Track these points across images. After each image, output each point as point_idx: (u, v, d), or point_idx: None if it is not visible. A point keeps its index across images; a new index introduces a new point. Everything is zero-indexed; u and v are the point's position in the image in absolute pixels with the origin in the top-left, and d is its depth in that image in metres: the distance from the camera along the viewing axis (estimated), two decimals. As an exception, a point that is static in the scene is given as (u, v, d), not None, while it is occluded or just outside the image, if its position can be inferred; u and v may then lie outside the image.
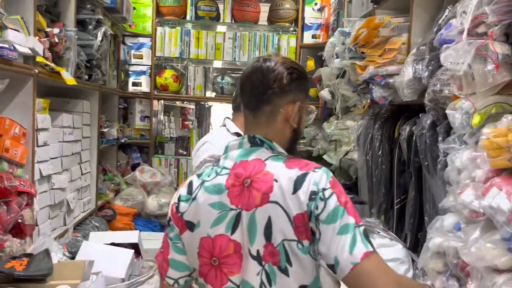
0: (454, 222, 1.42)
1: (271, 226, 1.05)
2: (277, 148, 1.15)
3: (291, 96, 1.15)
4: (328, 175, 1.07)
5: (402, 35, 2.10)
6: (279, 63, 1.15)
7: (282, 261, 1.05)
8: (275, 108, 1.14)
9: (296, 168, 1.07)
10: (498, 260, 1.16)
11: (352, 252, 0.99)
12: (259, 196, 1.06)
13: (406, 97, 1.90)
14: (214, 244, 1.10)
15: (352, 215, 1.03)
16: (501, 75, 1.22)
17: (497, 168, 1.23)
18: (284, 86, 1.13)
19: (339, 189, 1.06)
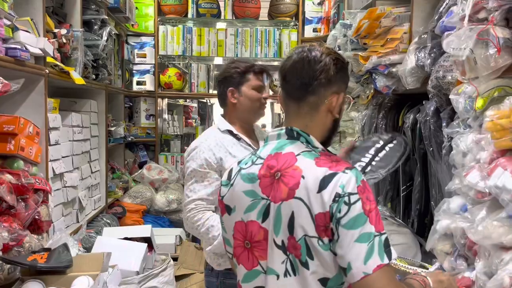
0: (460, 203, 1.46)
1: (294, 221, 1.06)
2: (313, 142, 1.15)
3: (335, 86, 1.15)
4: (358, 178, 1.04)
5: (403, 25, 2.13)
6: (324, 53, 1.15)
7: (303, 255, 1.07)
8: (320, 99, 1.14)
9: (325, 167, 1.06)
10: (505, 237, 1.20)
11: (367, 262, 0.99)
12: (286, 190, 1.08)
13: (410, 85, 1.94)
14: (247, 228, 1.15)
15: (374, 224, 1.01)
16: (503, 59, 1.26)
17: (502, 149, 1.27)
18: (330, 77, 1.13)
19: (367, 195, 1.03)
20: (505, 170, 1.19)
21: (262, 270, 1.14)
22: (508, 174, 1.18)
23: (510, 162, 1.21)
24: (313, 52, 1.15)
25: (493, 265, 1.24)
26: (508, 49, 1.26)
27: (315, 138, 1.15)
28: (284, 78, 1.17)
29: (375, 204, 1.04)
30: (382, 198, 2.45)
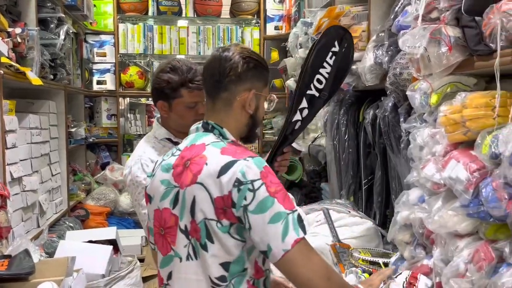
0: (418, 195, 1.53)
1: (195, 205, 1.12)
2: (226, 134, 1.21)
3: (248, 84, 1.21)
4: (260, 165, 1.11)
5: (362, 23, 2.20)
6: (236, 52, 1.21)
7: (203, 238, 1.12)
8: (232, 95, 1.21)
9: (229, 155, 1.12)
10: (459, 225, 1.27)
11: (284, 240, 1.05)
12: (190, 176, 1.14)
13: (369, 82, 2.00)
14: (162, 216, 1.21)
15: (282, 203, 1.07)
16: (454, 56, 1.33)
17: (455, 142, 1.34)
18: (239, 74, 1.20)
19: (271, 179, 1.09)
20: (458, 162, 1.26)
21: (173, 254, 1.20)
22: (461, 166, 1.24)
23: (462, 154, 1.28)
24: (226, 52, 1.22)
25: (449, 252, 1.30)
26: (458, 48, 1.33)
27: (229, 132, 1.22)
28: (203, 76, 1.27)
29: (281, 186, 1.10)
30: (345, 192, 2.52)
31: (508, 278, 1.08)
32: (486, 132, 1.19)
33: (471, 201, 1.20)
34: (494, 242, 1.18)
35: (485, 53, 1.24)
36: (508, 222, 1.11)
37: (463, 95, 1.28)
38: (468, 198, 1.20)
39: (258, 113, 1.26)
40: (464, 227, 1.26)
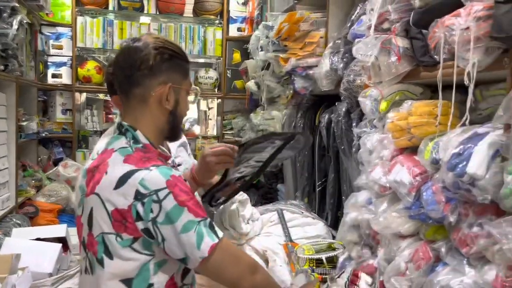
0: (366, 197, 1.59)
1: (92, 217, 1.05)
2: (139, 138, 1.09)
3: (163, 77, 1.09)
4: (166, 174, 1.01)
5: (320, 30, 2.26)
6: (148, 43, 1.08)
7: (99, 252, 1.04)
8: (146, 90, 1.09)
9: (131, 165, 1.03)
10: (402, 227, 1.34)
11: (200, 247, 1.00)
12: (91, 185, 1.06)
13: (325, 87, 2.06)
14: (78, 223, 1.14)
15: (193, 212, 1.01)
16: (402, 66, 1.40)
17: (401, 147, 1.41)
18: (152, 66, 1.07)
19: (179, 187, 1.01)
20: (403, 166, 1.33)
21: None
22: (405, 170, 1.31)
23: (407, 159, 1.35)
24: (136, 42, 1.09)
25: (392, 252, 1.37)
26: (407, 58, 1.40)
27: (144, 133, 1.10)
28: (113, 71, 1.13)
29: (191, 195, 1.03)
30: (300, 193, 2.57)
31: (443, 276, 1.15)
32: (428, 139, 1.26)
33: (413, 204, 1.27)
34: (433, 242, 1.25)
35: (430, 64, 1.31)
36: (445, 223, 1.18)
37: (409, 103, 1.36)
38: (410, 201, 1.27)
39: (179, 108, 1.14)
40: (407, 228, 1.33)
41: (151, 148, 1.10)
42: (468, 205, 1.11)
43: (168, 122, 1.13)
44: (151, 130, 1.11)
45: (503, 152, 1.02)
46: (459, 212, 1.13)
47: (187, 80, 1.16)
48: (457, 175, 1.06)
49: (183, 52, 1.15)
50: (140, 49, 1.08)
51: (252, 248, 1.99)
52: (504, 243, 0.91)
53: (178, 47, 1.15)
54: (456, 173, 1.07)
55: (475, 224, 1.07)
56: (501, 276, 0.98)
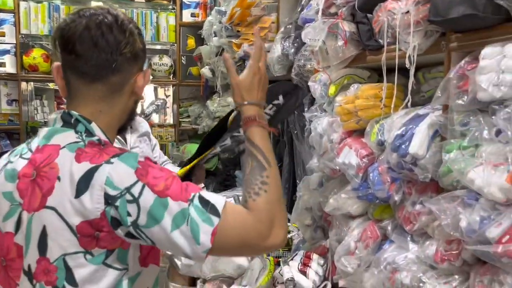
0: (318, 180, 1.63)
1: (46, 238, 0.83)
2: (94, 131, 0.89)
3: (141, 62, 0.94)
4: (132, 161, 0.83)
5: (271, 15, 2.26)
6: (126, 20, 0.90)
7: (60, 280, 0.83)
8: (125, 78, 0.91)
9: (86, 162, 0.83)
10: (351, 207, 1.38)
11: (199, 241, 0.81)
12: (39, 197, 0.84)
13: (277, 73, 2.07)
14: (3, 241, 0.89)
15: (179, 197, 0.81)
16: (349, 50, 1.42)
17: (349, 130, 1.44)
18: (138, 50, 0.91)
19: (153, 174, 0.82)
20: (351, 148, 1.36)
21: None
22: (353, 152, 1.34)
23: (355, 141, 1.38)
24: (114, 17, 0.89)
25: (342, 232, 1.41)
26: (353, 42, 1.42)
27: (101, 127, 0.91)
28: (71, 50, 0.87)
29: (169, 174, 0.84)
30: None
31: (389, 253, 1.20)
32: (374, 121, 1.30)
33: (361, 185, 1.31)
34: (380, 221, 1.30)
35: (375, 48, 1.34)
36: (391, 203, 1.22)
37: (356, 87, 1.38)
38: (358, 182, 1.30)
39: (139, 97, 0.99)
40: (356, 209, 1.37)
41: (108, 143, 0.90)
42: (411, 184, 1.15)
43: (131, 112, 0.97)
44: (114, 123, 0.94)
45: (442, 132, 1.06)
46: (403, 191, 1.17)
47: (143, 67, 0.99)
48: (400, 155, 1.10)
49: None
50: (124, 28, 0.88)
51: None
52: (443, 219, 0.96)
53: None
54: (400, 154, 1.10)
55: (417, 202, 1.12)
56: (441, 250, 1.03)
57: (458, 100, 0.98)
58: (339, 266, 1.32)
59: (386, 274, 1.16)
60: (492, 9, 0.93)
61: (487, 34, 0.97)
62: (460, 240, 0.95)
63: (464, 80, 0.98)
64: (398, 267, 1.13)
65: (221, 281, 1.75)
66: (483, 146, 0.92)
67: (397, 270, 1.13)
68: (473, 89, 0.94)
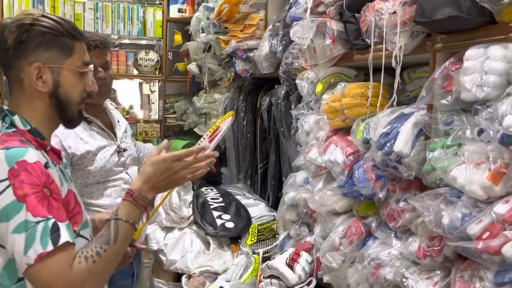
0: (304, 177, 1.64)
1: None
2: (16, 122, 1.00)
3: (30, 56, 0.99)
4: (12, 159, 0.91)
5: (260, 12, 2.26)
6: (14, 21, 1.00)
7: None
8: (17, 72, 1.01)
9: None
10: (337, 204, 1.39)
11: (27, 253, 0.89)
12: None
13: (264, 70, 2.07)
14: None
15: (32, 210, 0.89)
16: (336, 49, 1.43)
17: (335, 128, 1.46)
18: (14, 46, 0.98)
19: (23, 179, 0.90)
20: (337, 146, 1.38)
21: None
22: (339, 150, 1.36)
23: (341, 139, 1.40)
24: (8, 19, 1.03)
25: (327, 229, 1.43)
26: (341, 41, 1.44)
27: (26, 118, 1.01)
28: None
29: (37, 188, 0.91)
30: (243, 176, 2.60)
31: (373, 249, 1.22)
32: (360, 119, 1.32)
33: (346, 182, 1.32)
34: (365, 218, 1.32)
35: (362, 47, 1.36)
36: (375, 200, 1.24)
37: (343, 85, 1.40)
38: (343, 179, 1.32)
39: (63, 90, 1.03)
40: (341, 206, 1.39)
41: (27, 133, 1.00)
42: (395, 181, 1.17)
43: (52, 106, 1.03)
44: (35, 115, 1.03)
45: (426, 131, 1.09)
46: (387, 188, 1.19)
47: (72, 57, 1.03)
48: (385, 153, 1.12)
49: (67, 27, 1.03)
50: (4, 28, 1.00)
51: (194, 232, 1.99)
52: (426, 216, 0.98)
53: (58, 21, 1.02)
54: (385, 152, 1.12)
55: (401, 200, 1.14)
56: (423, 246, 1.05)
57: (442, 99, 1.00)
58: (324, 262, 1.34)
59: (369, 269, 1.18)
60: (477, 11, 0.95)
61: (472, 35, 1.00)
62: (442, 236, 0.97)
63: (449, 80, 1.00)
64: (382, 262, 1.15)
65: (206, 276, 1.75)
66: (465, 145, 0.94)
67: (380, 265, 1.15)
68: (457, 89, 0.97)
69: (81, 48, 1.05)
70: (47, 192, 0.92)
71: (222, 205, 2.03)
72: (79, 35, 1.05)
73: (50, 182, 0.94)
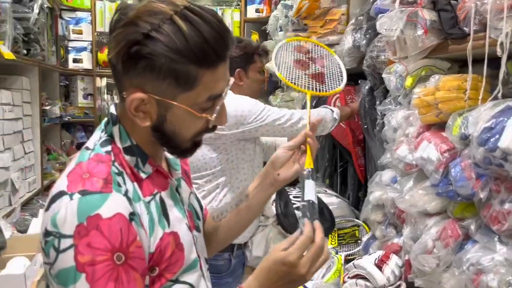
0: (391, 176, 1.57)
1: None
2: (115, 137, 0.79)
3: (136, 78, 0.73)
4: (84, 213, 0.69)
5: (341, 6, 2.20)
6: (134, 15, 0.71)
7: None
8: (120, 84, 0.77)
9: (65, 181, 0.74)
10: (429, 204, 1.31)
11: None
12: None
13: (347, 65, 2.01)
14: None
15: (92, 283, 0.69)
16: (429, 40, 1.35)
17: (427, 124, 1.37)
18: (124, 60, 0.72)
19: (89, 241, 0.69)
20: (430, 143, 1.29)
21: None
22: (432, 147, 1.27)
23: (434, 135, 1.31)
24: (123, 9, 0.74)
25: (418, 230, 1.35)
26: (434, 31, 1.35)
27: (126, 130, 0.79)
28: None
29: (106, 255, 0.69)
30: (321, 175, 2.55)
31: (472, 254, 1.13)
32: (457, 114, 1.22)
33: (441, 181, 1.24)
34: (461, 220, 1.22)
35: (459, 36, 1.26)
36: (474, 200, 1.15)
37: (436, 78, 1.31)
38: (438, 178, 1.24)
39: (170, 126, 0.77)
40: (434, 206, 1.30)
41: (121, 155, 0.78)
42: (499, 181, 1.07)
43: (155, 137, 0.79)
44: (137, 132, 0.79)
45: (538, 125, 0.98)
46: (490, 188, 1.09)
47: (192, 91, 0.74)
48: (489, 150, 1.03)
49: (212, 42, 0.71)
50: (118, 27, 0.72)
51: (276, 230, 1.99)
52: (539, 219, 0.88)
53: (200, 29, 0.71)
54: (488, 148, 1.03)
55: (507, 201, 1.04)
56: (535, 253, 0.95)
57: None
58: (415, 265, 1.26)
59: (469, 275, 1.09)
60: None
61: None
62: (560, 242, 0.87)
63: None
64: (484, 268, 1.06)
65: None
66: None
67: (482, 272, 1.06)
68: None
69: (213, 76, 0.74)
70: (121, 259, 0.70)
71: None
72: (220, 57, 0.74)
73: (130, 242, 0.71)
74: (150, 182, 0.80)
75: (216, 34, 0.72)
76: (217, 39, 0.72)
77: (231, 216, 1.01)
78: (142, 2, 0.73)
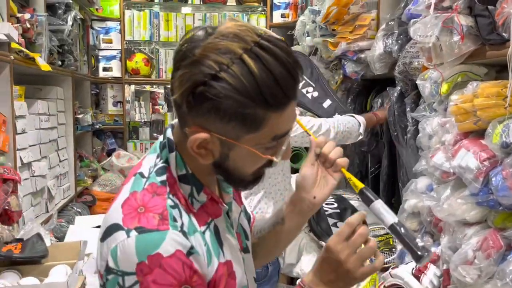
0: (427, 184, 1.54)
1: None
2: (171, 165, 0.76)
3: (199, 118, 0.70)
4: (144, 251, 0.68)
5: (371, 12, 2.19)
6: (202, 54, 0.66)
7: None
8: (182, 122, 0.74)
9: (121, 214, 0.72)
10: (468, 214, 1.28)
11: None
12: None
13: (378, 71, 2.00)
14: None
15: None
16: (466, 46, 1.33)
17: (465, 131, 1.35)
18: (189, 100, 0.68)
19: (154, 278, 0.68)
20: (468, 151, 1.27)
21: None
22: (471, 155, 1.25)
23: (472, 143, 1.29)
24: (189, 44, 0.69)
25: (457, 240, 1.32)
26: (471, 37, 1.33)
27: (182, 157, 0.76)
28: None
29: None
30: (352, 181, 2.53)
31: (516, 265, 1.10)
32: (497, 121, 1.20)
33: (481, 190, 1.21)
34: (503, 230, 1.19)
35: (497, 42, 1.24)
36: (517, 210, 1.12)
37: (474, 84, 1.29)
38: (477, 187, 1.21)
39: (231, 164, 0.75)
40: (473, 215, 1.28)
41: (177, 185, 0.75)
42: (544, 190, 1.05)
43: (216, 172, 0.78)
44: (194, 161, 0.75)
45: None
46: (533, 198, 1.07)
47: (258, 133, 0.70)
48: (532, 159, 1.01)
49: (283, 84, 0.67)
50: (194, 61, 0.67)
51: (309, 236, 1.99)
52: None
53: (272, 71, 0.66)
54: (531, 157, 1.01)
55: (552, 211, 1.01)
56: None
57: None
58: (455, 276, 1.24)
59: (513, 287, 1.07)
60: None
61: None
62: None
63: None
64: (529, 281, 1.03)
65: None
66: None
67: (527, 284, 1.04)
68: None
69: (281, 118, 0.70)
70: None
71: (337, 212, 1.99)
72: (289, 97, 0.70)
73: (192, 275, 0.71)
74: (204, 211, 0.78)
75: (287, 73, 0.68)
76: (288, 79, 0.68)
77: (270, 236, 0.97)
78: (209, 37, 0.68)
